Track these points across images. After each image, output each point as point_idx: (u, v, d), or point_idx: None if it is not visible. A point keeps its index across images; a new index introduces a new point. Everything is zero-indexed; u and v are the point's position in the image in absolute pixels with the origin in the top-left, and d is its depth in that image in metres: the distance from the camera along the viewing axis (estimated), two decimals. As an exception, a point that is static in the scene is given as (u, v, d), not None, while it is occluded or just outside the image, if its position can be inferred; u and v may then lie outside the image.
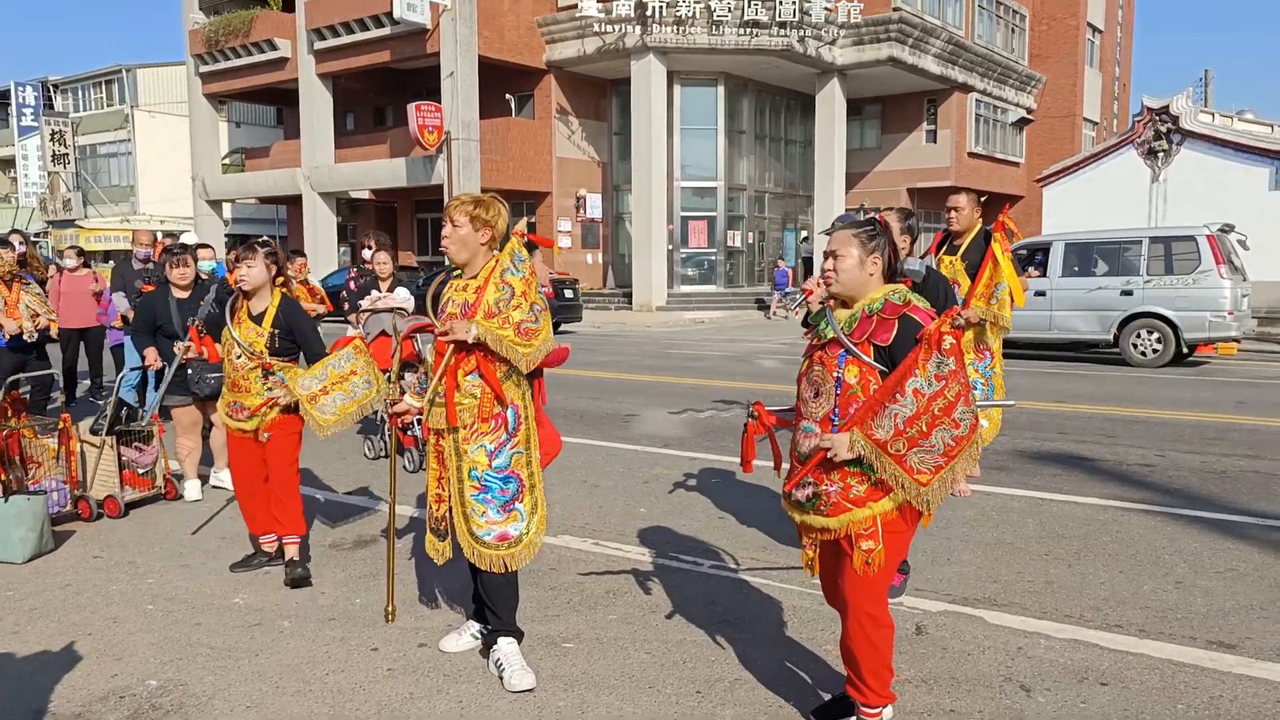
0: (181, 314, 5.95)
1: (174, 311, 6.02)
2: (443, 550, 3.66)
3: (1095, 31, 35.96)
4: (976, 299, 5.62)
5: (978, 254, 5.73)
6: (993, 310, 5.61)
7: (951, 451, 2.74)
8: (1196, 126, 20.96)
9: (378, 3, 24.50)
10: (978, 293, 5.63)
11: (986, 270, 5.62)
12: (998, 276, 5.60)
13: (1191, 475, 6.55)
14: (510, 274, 3.45)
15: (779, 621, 4.02)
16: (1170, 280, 12.99)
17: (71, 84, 42.10)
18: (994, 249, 5.62)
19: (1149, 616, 4.03)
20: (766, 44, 24.48)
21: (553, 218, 27.16)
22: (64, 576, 4.66)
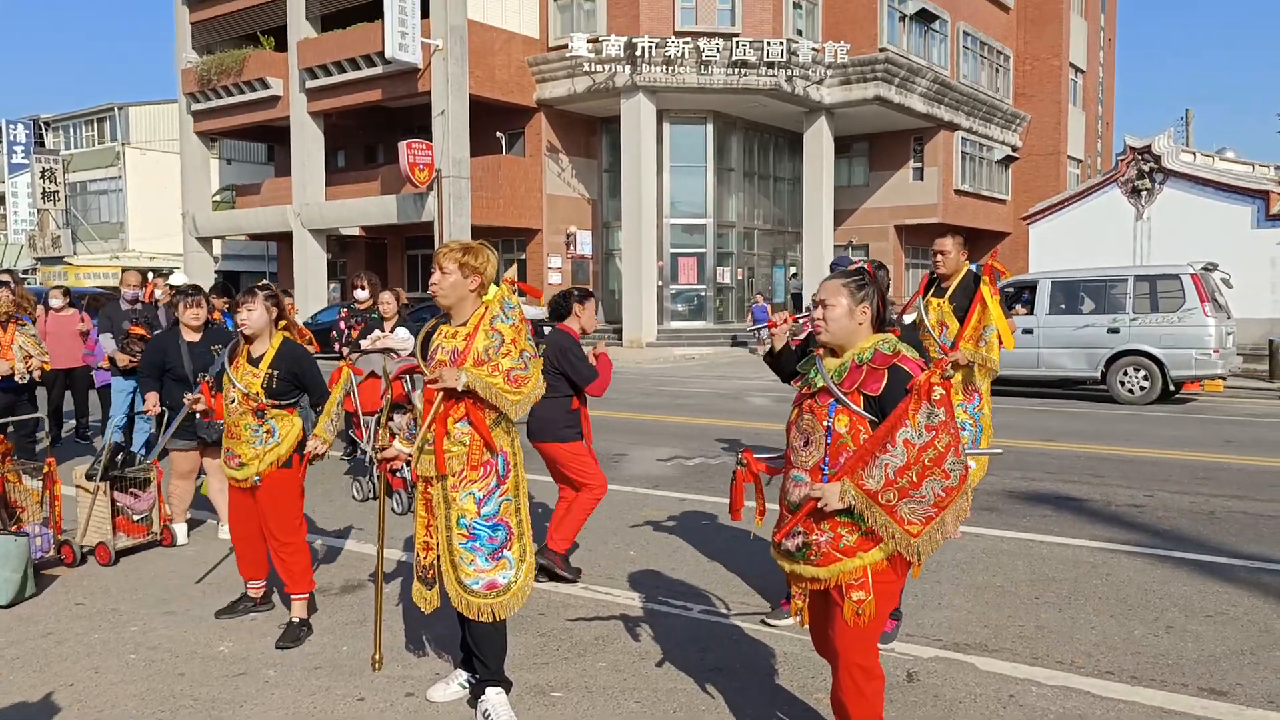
0: (193, 357, 5.87)
1: (185, 354, 5.90)
2: (430, 599, 3.63)
3: (1078, 71, 36.55)
4: (965, 341, 5.64)
5: (965, 296, 5.75)
6: (980, 353, 5.63)
7: (942, 502, 2.74)
8: (1178, 165, 21.25)
9: (370, 43, 24.74)
10: (966, 335, 5.65)
11: (975, 313, 5.64)
12: (986, 319, 5.62)
13: (1180, 516, 6.57)
14: (500, 321, 3.46)
15: (770, 669, 3.99)
16: (1156, 318, 13.10)
17: (63, 121, 42.26)
18: (983, 291, 5.64)
19: (1140, 662, 4.02)
20: (755, 83, 24.78)
21: (543, 254, 27.26)
22: (45, 624, 4.60)
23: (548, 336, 5.42)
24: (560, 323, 5.44)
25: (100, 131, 40.82)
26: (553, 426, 5.21)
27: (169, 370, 5.92)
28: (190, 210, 31.08)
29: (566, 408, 5.25)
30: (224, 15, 29.48)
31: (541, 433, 5.24)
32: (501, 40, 25.87)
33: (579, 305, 5.42)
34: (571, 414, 5.27)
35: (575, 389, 5.27)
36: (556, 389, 5.13)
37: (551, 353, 5.24)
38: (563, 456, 5.26)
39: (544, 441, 5.26)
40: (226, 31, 30.06)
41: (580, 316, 5.42)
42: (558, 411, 5.21)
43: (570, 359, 5.22)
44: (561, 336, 5.35)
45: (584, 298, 5.48)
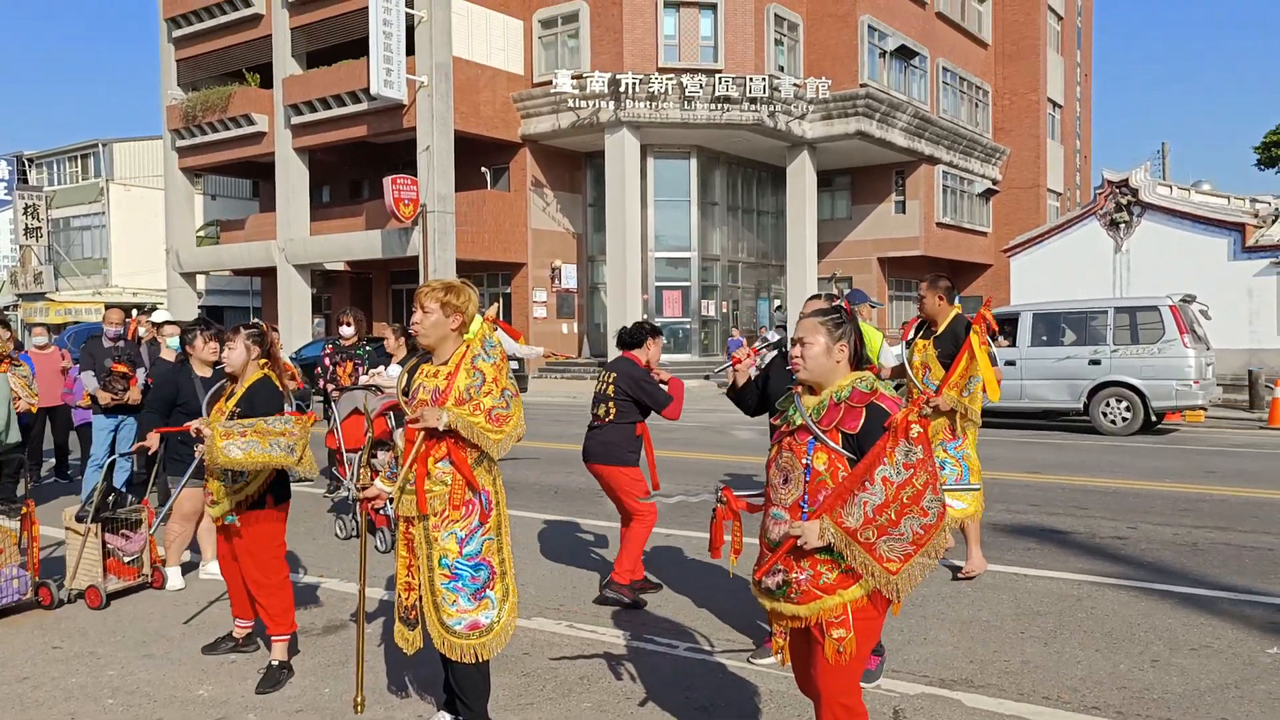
0: (206, 391, 5.82)
1: (199, 389, 5.80)
2: (412, 640, 3.59)
3: (1055, 106, 37.15)
4: (949, 388, 5.61)
5: (951, 343, 5.73)
6: (963, 402, 5.60)
7: (920, 540, 2.75)
8: (1155, 199, 21.58)
9: (355, 79, 24.92)
10: (951, 382, 5.61)
11: (962, 361, 5.59)
12: (973, 369, 5.58)
13: (1164, 548, 6.59)
14: (481, 360, 3.47)
15: (754, 708, 3.96)
16: (1136, 350, 13.24)
17: (47, 158, 42.25)
18: (971, 341, 5.57)
19: (1126, 697, 4.02)
20: (738, 119, 25.07)
21: (528, 289, 27.33)
22: (21, 668, 4.52)
23: (615, 365, 5.66)
24: (627, 351, 5.64)
25: (84, 168, 40.83)
26: (617, 450, 5.45)
27: (181, 405, 5.84)
28: (174, 246, 31.05)
29: (631, 433, 5.50)
30: (209, 52, 29.66)
31: (604, 456, 5.47)
32: (486, 77, 26.11)
33: (652, 339, 5.66)
34: (635, 439, 5.52)
35: (644, 414, 5.50)
36: (625, 414, 5.45)
37: (622, 381, 5.50)
38: (621, 481, 5.47)
39: (605, 464, 5.50)
40: (212, 68, 30.23)
41: (650, 349, 5.65)
42: (622, 436, 5.46)
43: (645, 386, 5.48)
44: (630, 365, 5.58)
45: (656, 333, 5.72)
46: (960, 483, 5.69)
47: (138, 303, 32.32)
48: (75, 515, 5.64)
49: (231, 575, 4.56)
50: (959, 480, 5.68)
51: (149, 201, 37.36)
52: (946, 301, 5.94)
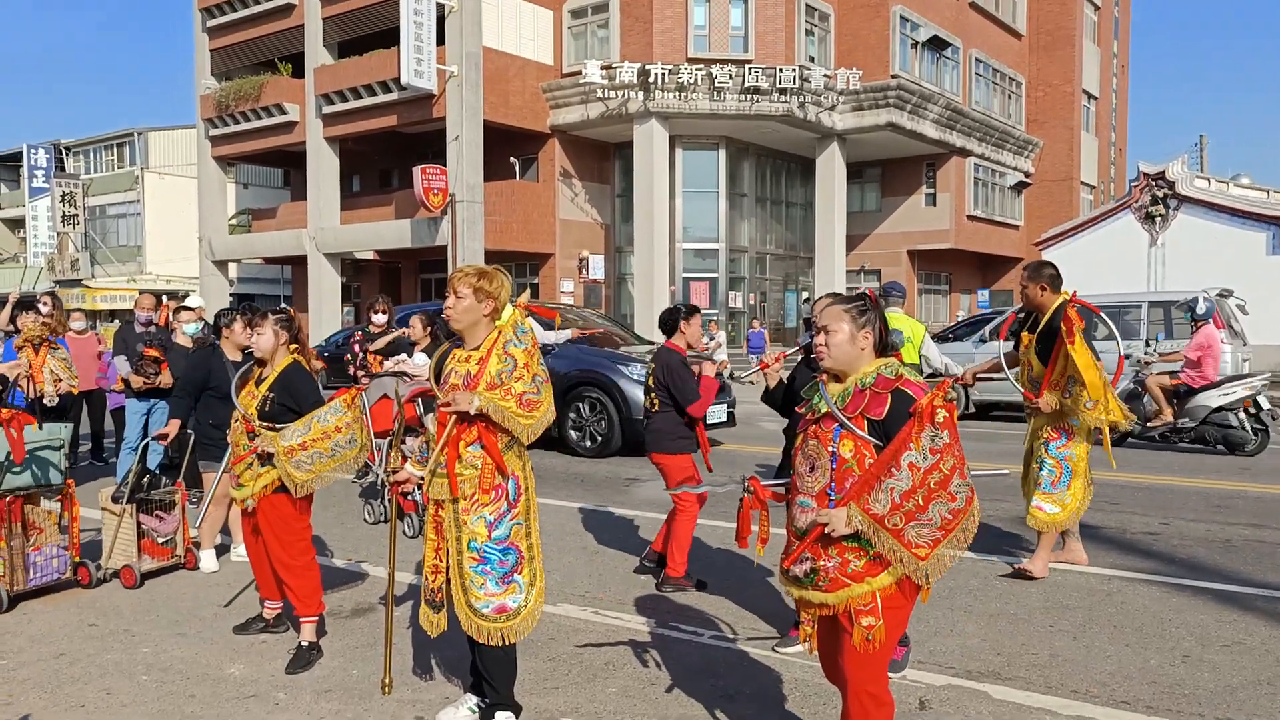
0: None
1: (231, 373, 5.80)
2: (437, 622, 3.63)
3: (1090, 98, 36.64)
4: (1050, 390, 5.42)
5: (1046, 340, 5.48)
6: (1068, 405, 5.37)
7: (948, 525, 2.74)
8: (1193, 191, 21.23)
9: (386, 69, 25.04)
10: (1051, 382, 5.42)
11: (1056, 363, 5.37)
12: (1071, 370, 5.32)
13: (1196, 544, 6.50)
14: (513, 345, 3.48)
15: (779, 695, 3.96)
16: (1171, 344, 13.03)
17: (83, 146, 42.86)
18: (1063, 339, 5.31)
19: (1156, 692, 3.98)
20: (767, 110, 24.94)
21: (555, 279, 27.39)
22: (59, 645, 4.62)
23: (657, 354, 5.67)
24: (668, 340, 5.67)
25: (120, 156, 41.38)
26: (663, 438, 5.49)
27: (212, 389, 5.90)
28: (207, 234, 31.41)
29: (678, 420, 5.50)
30: (243, 42, 29.92)
31: (653, 444, 5.54)
32: (516, 67, 26.15)
33: (685, 322, 5.64)
34: (683, 426, 5.52)
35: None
36: (668, 403, 5.50)
37: (659, 370, 5.52)
38: (667, 468, 5.53)
39: (653, 452, 5.56)
40: (245, 58, 30.50)
41: (686, 332, 5.64)
42: (668, 424, 5.49)
43: (675, 377, 5.47)
44: (669, 354, 5.58)
45: (690, 314, 5.68)
46: (1058, 487, 5.54)
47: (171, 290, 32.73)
48: (111, 496, 5.73)
49: (257, 557, 4.63)
50: (1055, 485, 5.54)
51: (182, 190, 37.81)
52: (1051, 290, 5.56)
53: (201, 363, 6.07)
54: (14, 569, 5.19)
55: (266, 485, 4.39)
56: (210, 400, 5.90)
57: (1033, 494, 5.64)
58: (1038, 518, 5.60)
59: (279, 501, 4.41)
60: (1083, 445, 5.63)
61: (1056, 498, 5.58)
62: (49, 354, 7.27)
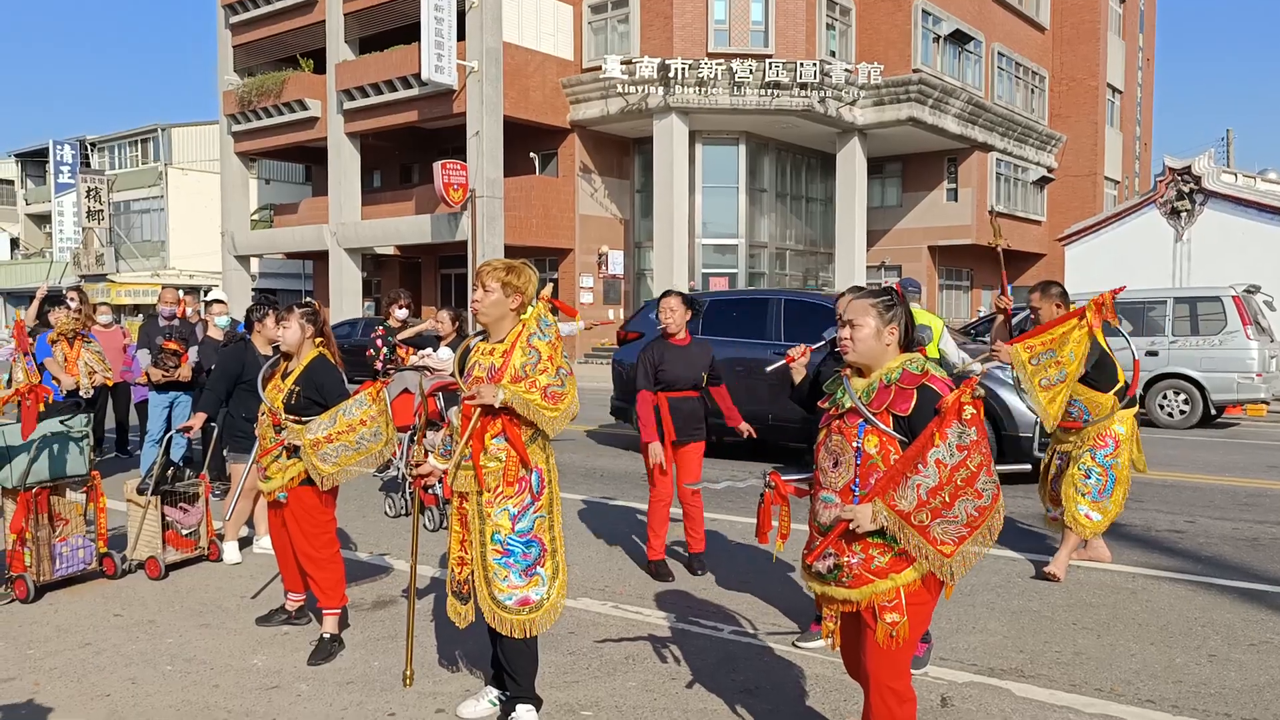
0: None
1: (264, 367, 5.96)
2: (465, 614, 3.64)
3: (1115, 92, 36.24)
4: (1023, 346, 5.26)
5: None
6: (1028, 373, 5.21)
7: (975, 522, 2.72)
8: (1219, 186, 20.96)
9: (406, 65, 25.12)
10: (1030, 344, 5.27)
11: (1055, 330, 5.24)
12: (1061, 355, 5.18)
13: (1223, 542, 6.43)
14: (537, 338, 3.49)
15: (800, 691, 3.95)
16: (1196, 341, 12.90)
17: (108, 142, 43.27)
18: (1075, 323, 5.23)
19: (1182, 691, 3.94)
20: (787, 104, 24.83)
21: (575, 274, 27.41)
22: (84, 635, 4.67)
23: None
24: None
25: (144, 152, 41.74)
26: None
27: (244, 382, 5.95)
28: (229, 229, 31.65)
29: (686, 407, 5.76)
30: (265, 38, 30.10)
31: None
32: (536, 62, 26.16)
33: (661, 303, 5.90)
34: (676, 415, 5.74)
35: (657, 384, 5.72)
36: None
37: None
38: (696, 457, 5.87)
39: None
40: (267, 54, 30.69)
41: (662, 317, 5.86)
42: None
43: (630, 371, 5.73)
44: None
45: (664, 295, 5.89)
46: (1103, 495, 5.47)
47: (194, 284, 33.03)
48: (136, 488, 5.79)
49: (283, 549, 4.66)
50: (1102, 493, 5.48)
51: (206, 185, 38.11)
52: (1064, 306, 5.57)
53: (236, 356, 6.13)
54: (40, 559, 5.26)
55: (293, 478, 4.42)
56: (243, 393, 5.96)
57: (1077, 500, 5.54)
58: (1085, 525, 5.52)
59: (304, 494, 4.44)
60: (1127, 453, 5.59)
61: (1101, 505, 5.52)
62: (83, 347, 7.36)
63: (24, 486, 5.22)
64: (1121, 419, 5.58)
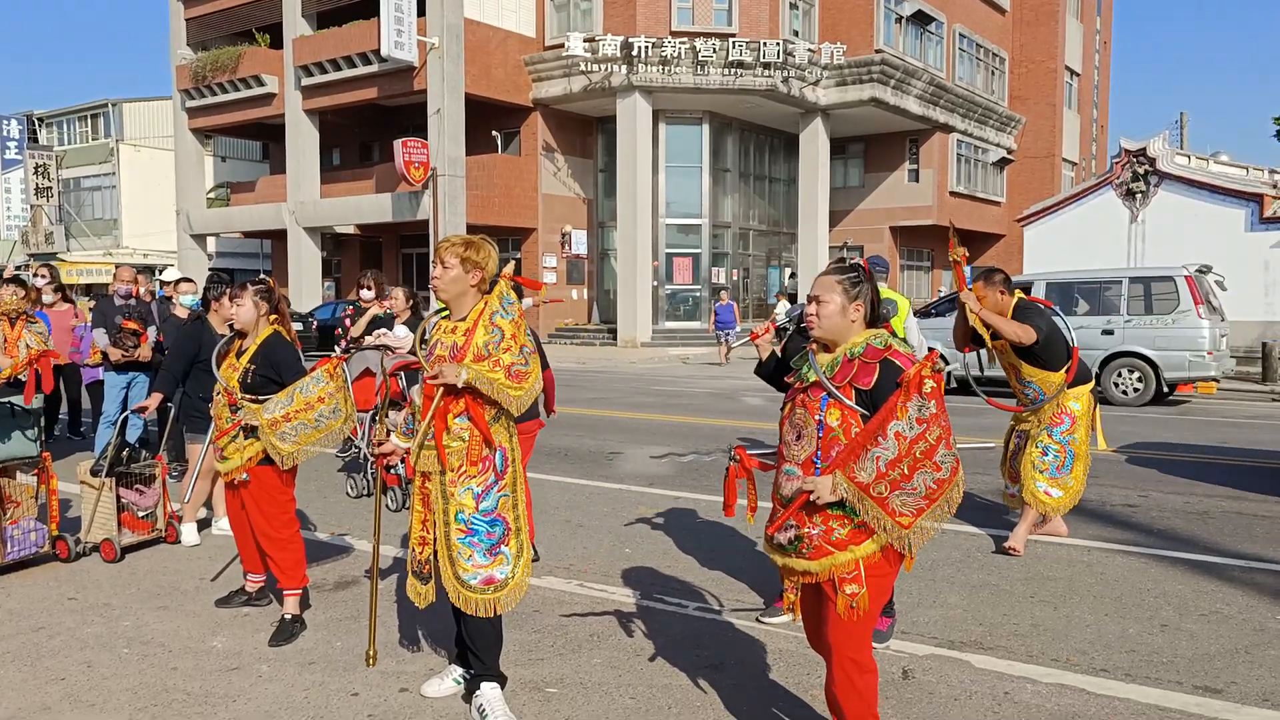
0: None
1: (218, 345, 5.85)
2: (425, 594, 3.61)
3: (1073, 74, 36.67)
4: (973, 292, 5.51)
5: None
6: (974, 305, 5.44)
7: (933, 494, 2.75)
8: (1173, 168, 21.34)
9: (366, 40, 24.72)
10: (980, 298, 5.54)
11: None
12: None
13: (1174, 516, 6.58)
14: (500, 316, 3.45)
15: (764, 665, 3.99)
16: (1150, 320, 13.14)
17: (57, 117, 42.14)
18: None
19: (1135, 660, 4.03)
20: (751, 84, 24.82)
21: (538, 254, 27.27)
22: (37, 619, 4.57)
23: None
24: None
25: (94, 128, 40.72)
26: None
27: (201, 362, 5.83)
28: (184, 207, 31.03)
29: None
30: (219, 11, 29.44)
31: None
32: (498, 39, 25.87)
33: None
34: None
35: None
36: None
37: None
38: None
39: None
40: (222, 28, 30.03)
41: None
42: None
43: None
44: None
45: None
46: (1062, 471, 5.56)
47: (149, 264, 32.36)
48: (90, 470, 5.67)
49: (241, 529, 4.59)
50: (1060, 469, 5.56)
51: (159, 162, 37.31)
52: (1008, 293, 5.61)
53: (193, 335, 6.01)
54: (-9, 543, 5.14)
55: (251, 457, 4.35)
56: (199, 373, 5.86)
57: (1035, 477, 5.64)
58: (1044, 502, 5.62)
59: (262, 474, 4.38)
60: (1084, 429, 5.68)
61: (1061, 482, 5.61)
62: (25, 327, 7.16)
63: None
64: (1077, 395, 5.67)
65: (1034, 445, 5.68)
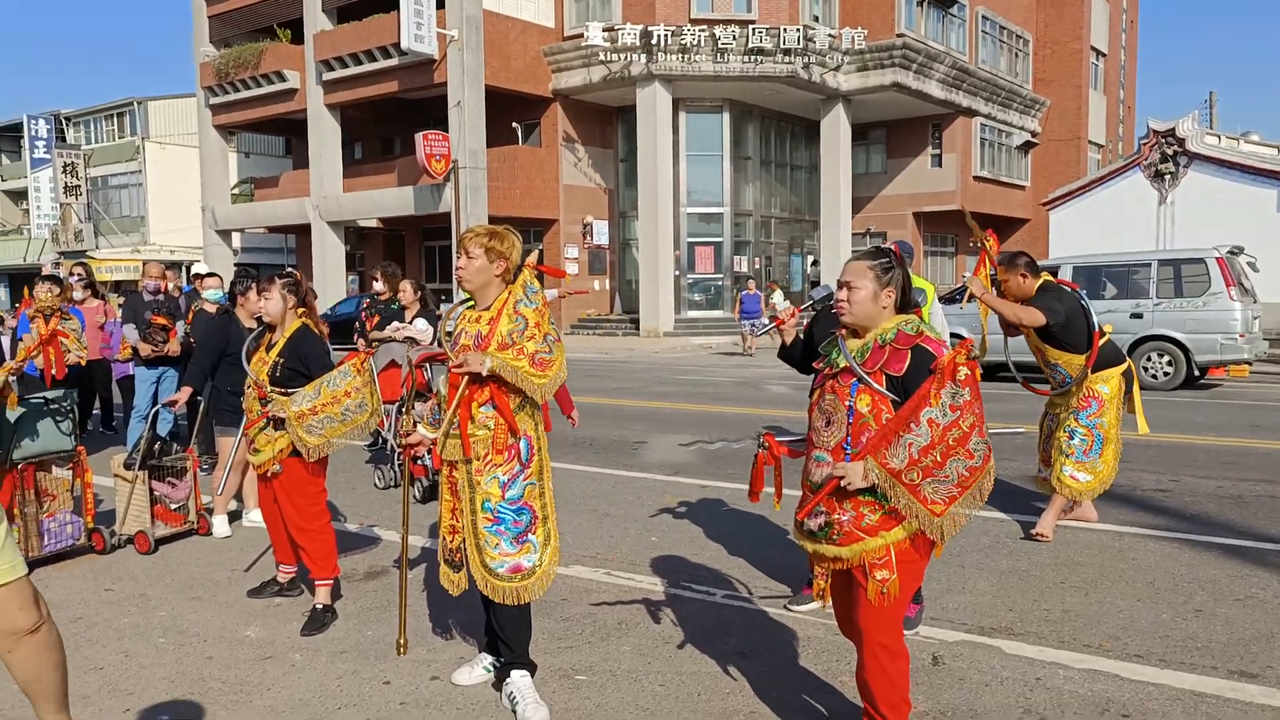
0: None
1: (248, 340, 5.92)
2: (458, 581, 3.64)
3: (1099, 55, 36.15)
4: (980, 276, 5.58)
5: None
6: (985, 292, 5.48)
7: (966, 481, 2.73)
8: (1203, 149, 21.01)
9: (385, 34, 24.78)
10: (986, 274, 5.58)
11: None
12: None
13: (1207, 500, 6.50)
14: (523, 305, 3.46)
15: (793, 652, 3.98)
16: (1180, 303, 12.96)
17: (84, 116, 42.57)
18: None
19: (1169, 646, 3.99)
20: (771, 71, 24.66)
21: (560, 245, 27.28)
22: (75, 610, 4.65)
23: None
24: None
25: (120, 126, 41.11)
26: None
27: (229, 356, 5.91)
28: (209, 203, 31.29)
29: None
30: (241, 8, 29.59)
31: None
32: (517, 30, 25.85)
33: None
34: None
35: None
36: None
37: None
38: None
39: None
40: (244, 25, 30.19)
41: None
42: None
43: None
44: None
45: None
46: (1090, 455, 5.49)
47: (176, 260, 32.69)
48: (123, 463, 5.75)
49: (273, 521, 4.64)
50: (1087, 453, 5.50)
51: (184, 159, 37.60)
52: (1031, 276, 5.54)
53: (220, 329, 6.09)
54: (28, 535, 5.22)
55: (282, 449, 4.40)
56: (227, 367, 5.93)
57: (1062, 461, 5.58)
58: (1071, 486, 5.55)
59: (293, 465, 4.42)
60: (1113, 412, 5.59)
61: (1089, 466, 5.53)
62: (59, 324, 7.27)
63: (10, 463, 5.17)
64: (1105, 379, 5.59)
65: (1062, 429, 5.63)
